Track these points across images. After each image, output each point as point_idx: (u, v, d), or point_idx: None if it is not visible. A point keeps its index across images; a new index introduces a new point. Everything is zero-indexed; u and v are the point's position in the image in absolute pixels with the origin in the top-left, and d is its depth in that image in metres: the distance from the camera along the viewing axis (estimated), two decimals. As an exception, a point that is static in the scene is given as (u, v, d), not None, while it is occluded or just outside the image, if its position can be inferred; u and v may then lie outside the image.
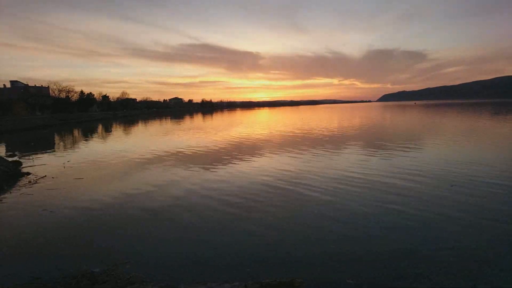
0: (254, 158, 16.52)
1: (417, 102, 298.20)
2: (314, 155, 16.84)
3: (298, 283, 4.58)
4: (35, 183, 12.30)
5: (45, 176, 13.54)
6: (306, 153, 17.58)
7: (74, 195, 10.58)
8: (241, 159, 16.31)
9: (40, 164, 16.50)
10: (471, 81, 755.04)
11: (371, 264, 5.64)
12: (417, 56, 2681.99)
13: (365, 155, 16.49)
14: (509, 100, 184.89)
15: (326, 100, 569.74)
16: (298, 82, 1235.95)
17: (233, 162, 15.65)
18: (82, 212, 8.86)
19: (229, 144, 23.10)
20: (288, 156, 16.85)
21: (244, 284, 4.67)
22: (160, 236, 7.11)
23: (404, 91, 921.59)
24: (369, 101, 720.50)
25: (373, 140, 22.63)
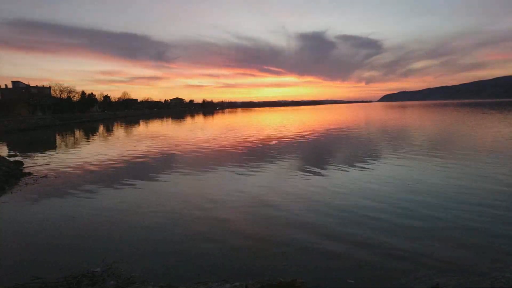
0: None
1: (418, 102, 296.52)
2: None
3: (299, 283, 4.55)
4: (36, 184, 12.31)
5: (46, 176, 13.55)
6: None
7: (74, 195, 10.58)
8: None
9: (41, 164, 16.51)
10: (471, 81, 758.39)
11: (371, 265, 5.64)
12: (367, 45, 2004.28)
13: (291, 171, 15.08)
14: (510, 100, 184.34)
15: (327, 100, 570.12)
16: (251, 80, 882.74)
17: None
18: (82, 212, 8.85)
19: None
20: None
21: (245, 284, 4.65)
22: (161, 237, 7.11)
23: (405, 91, 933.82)
24: (370, 101, 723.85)
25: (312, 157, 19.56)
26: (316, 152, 18.89)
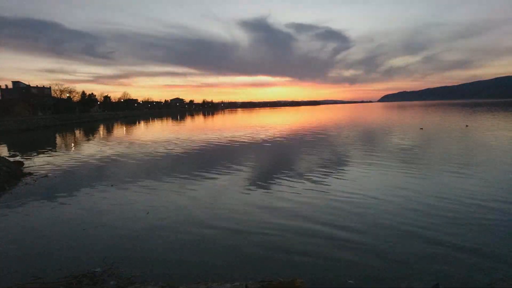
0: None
1: (418, 102, 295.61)
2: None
3: (299, 283, 4.56)
4: (36, 184, 12.30)
5: (46, 176, 13.55)
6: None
7: (74, 195, 10.57)
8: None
9: (42, 164, 16.51)
10: (471, 81, 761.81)
11: (371, 265, 5.64)
12: (331, 37, 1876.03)
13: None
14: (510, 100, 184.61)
15: (327, 100, 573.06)
16: (212, 79, 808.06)
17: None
18: (82, 212, 8.85)
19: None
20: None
21: (245, 284, 4.66)
22: (162, 237, 7.11)
23: (405, 91, 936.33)
24: (370, 101, 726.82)
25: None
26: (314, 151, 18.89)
